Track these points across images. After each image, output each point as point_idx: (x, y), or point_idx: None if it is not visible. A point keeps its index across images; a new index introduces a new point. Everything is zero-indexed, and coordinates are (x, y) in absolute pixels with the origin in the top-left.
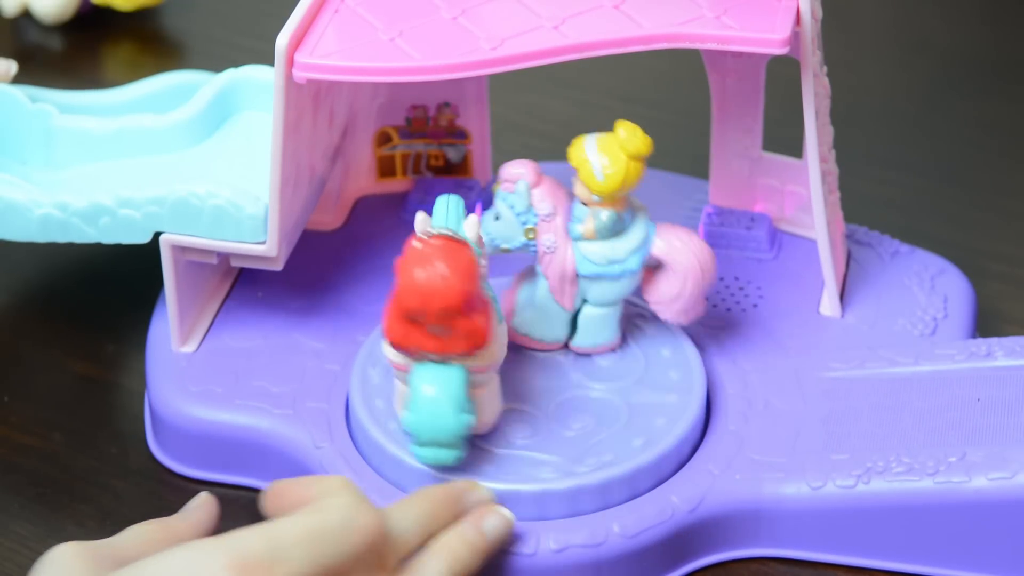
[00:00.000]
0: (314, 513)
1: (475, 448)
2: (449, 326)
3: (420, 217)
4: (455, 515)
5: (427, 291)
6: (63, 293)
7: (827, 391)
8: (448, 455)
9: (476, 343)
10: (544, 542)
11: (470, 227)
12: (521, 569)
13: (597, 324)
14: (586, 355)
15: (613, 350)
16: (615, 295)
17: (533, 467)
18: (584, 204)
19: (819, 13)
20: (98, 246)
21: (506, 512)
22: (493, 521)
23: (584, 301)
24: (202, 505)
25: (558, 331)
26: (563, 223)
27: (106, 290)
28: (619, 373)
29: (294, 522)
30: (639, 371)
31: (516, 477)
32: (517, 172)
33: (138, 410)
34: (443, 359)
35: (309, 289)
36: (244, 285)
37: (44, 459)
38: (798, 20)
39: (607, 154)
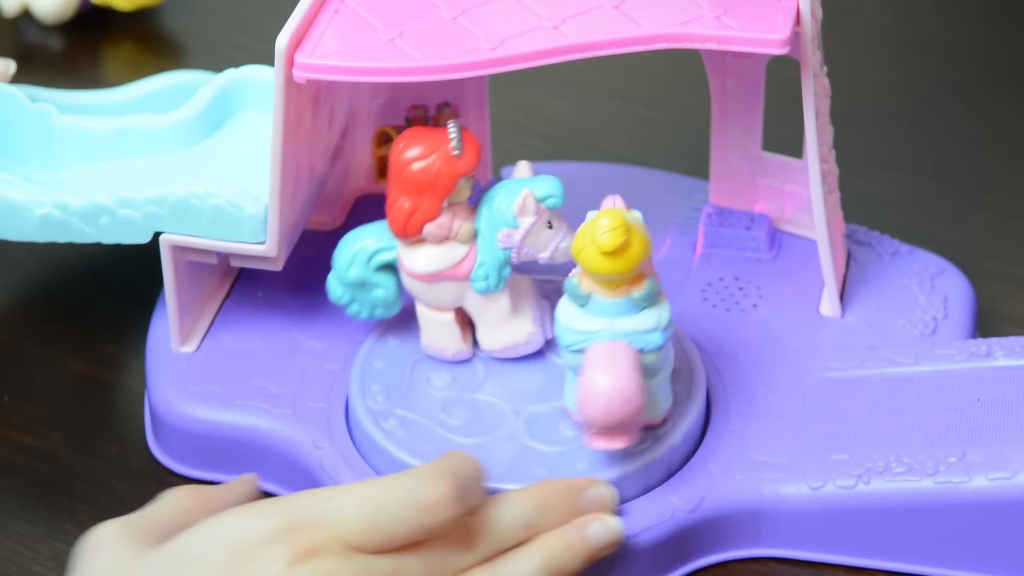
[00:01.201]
0: (381, 482)
1: (480, 447)
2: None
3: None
4: (570, 513)
5: (391, 152)
6: (63, 293)
7: (827, 391)
8: (336, 289)
9: (394, 221)
10: None
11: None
12: None
13: (568, 380)
14: None
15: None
16: (562, 356)
17: (539, 466)
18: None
19: (819, 13)
20: (98, 246)
21: (613, 523)
22: (598, 528)
23: None
24: (245, 480)
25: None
26: None
27: (106, 290)
28: None
29: (357, 486)
30: None
31: (522, 477)
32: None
33: (138, 410)
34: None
35: (309, 289)
36: (244, 285)
37: (44, 459)
38: (798, 20)
39: (580, 233)
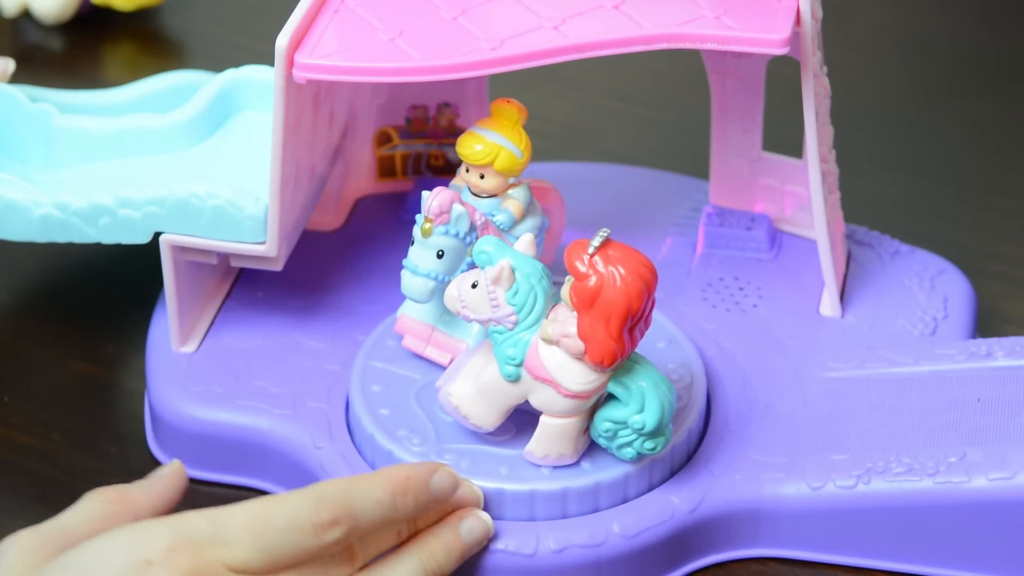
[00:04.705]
0: (269, 502)
1: (477, 448)
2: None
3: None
4: (430, 505)
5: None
6: (63, 293)
7: (827, 391)
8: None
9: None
10: (544, 542)
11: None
12: (521, 569)
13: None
14: None
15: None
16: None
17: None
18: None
19: (819, 13)
20: (98, 246)
21: (485, 516)
22: (472, 524)
23: None
24: (169, 475)
25: None
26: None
27: (106, 290)
28: None
29: (246, 506)
30: None
31: (523, 476)
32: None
33: (138, 410)
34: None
35: (309, 289)
36: (244, 285)
37: (44, 459)
38: (798, 20)
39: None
